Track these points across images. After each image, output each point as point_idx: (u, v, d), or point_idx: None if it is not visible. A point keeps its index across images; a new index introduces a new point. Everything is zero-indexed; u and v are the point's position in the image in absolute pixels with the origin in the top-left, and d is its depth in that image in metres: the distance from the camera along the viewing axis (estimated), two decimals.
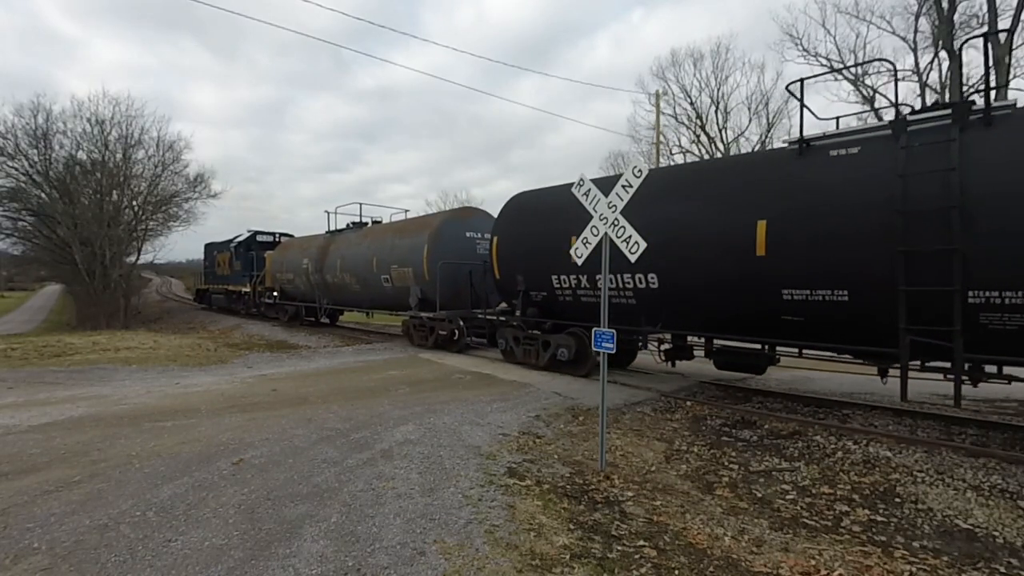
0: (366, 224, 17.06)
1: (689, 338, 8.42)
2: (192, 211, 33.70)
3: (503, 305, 11.66)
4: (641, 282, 7.85)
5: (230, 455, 4.91)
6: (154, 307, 38.44)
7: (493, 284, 11.44)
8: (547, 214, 9.44)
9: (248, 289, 23.09)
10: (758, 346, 7.28)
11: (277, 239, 24.53)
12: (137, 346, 14.58)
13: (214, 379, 9.37)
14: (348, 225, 17.63)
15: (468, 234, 13.06)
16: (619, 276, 8.07)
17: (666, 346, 8.54)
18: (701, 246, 7.06)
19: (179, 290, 58.90)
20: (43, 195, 28.07)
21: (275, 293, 20.86)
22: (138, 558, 3.13)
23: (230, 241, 25.85)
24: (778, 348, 7.26)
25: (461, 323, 12.21)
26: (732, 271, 6.77)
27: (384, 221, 16.88)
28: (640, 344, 8.94)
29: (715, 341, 7.80)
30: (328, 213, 18.19)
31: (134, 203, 30.54)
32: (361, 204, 18.06)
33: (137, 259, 32.54)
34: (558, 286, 9.13)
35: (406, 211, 16.86)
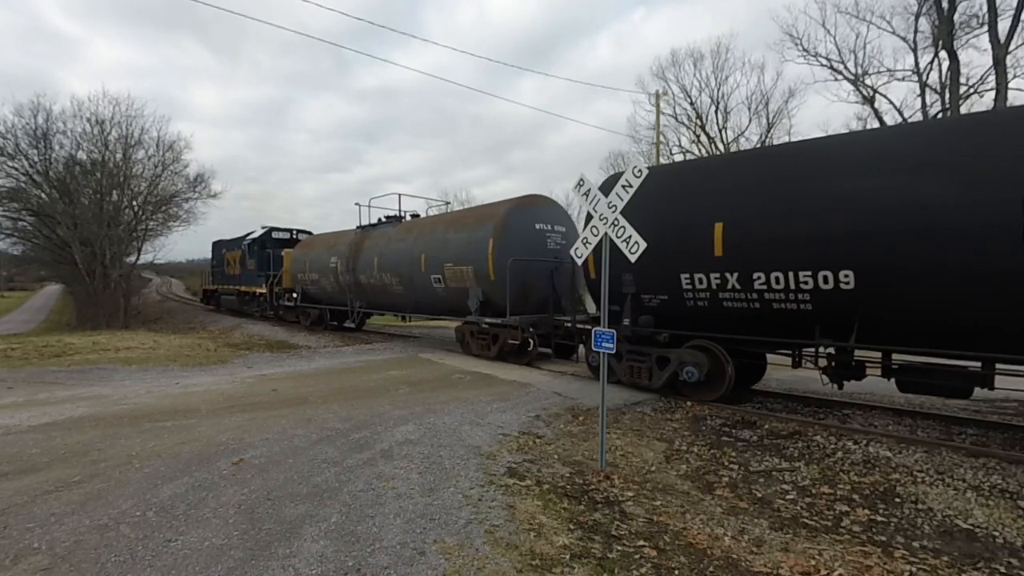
0: (402, 218, 15.23)
1: (858, 351, 6.43)
2: (192, 211, 33.67)
3: (591, 311, 10.40)
4: (826, 282, 6.01)
5: (230, 455, 4.91)
6: (154, 307, 38.43)
7: (567, 286, 10.32)
8: (675, 195, 7.53)
9: (264, 290, 21.01)
10: (974, 364, 5.86)
11: (294, 236, 22.76)
12: (137, 346, 14.58)
13: (214, 379, 9.37)
14: (380, 220, 15.80)
15: (538, 226, 10.95)
16: (789, 274, 6.28)
17: (823, 362, 6.71)
18: (938, 233, 5.27)
19: (179, 290, 58.89)
20: (43, 195, 28.07)
21: (295, 295, 18.90)
22: (138, 558, 3.13)
23: (242, 238, 23.79)
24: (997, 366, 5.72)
25: (531, 331, 10.41)
26: (997, 264, 5.00)
27: (422, 214, 15.14)
28: (796, 360, 7.04)
29: (894, 356, 6.36)
30: (359, 206, 16.98)
31: (134, 203, 30.53)
32: (400, 195, 15.83)
33: (137, 259, 32.51)
34: (689, 287, 7.25)
35: (447, 203, 15.60)
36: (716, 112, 30.97)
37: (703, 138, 31.33)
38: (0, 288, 78.89)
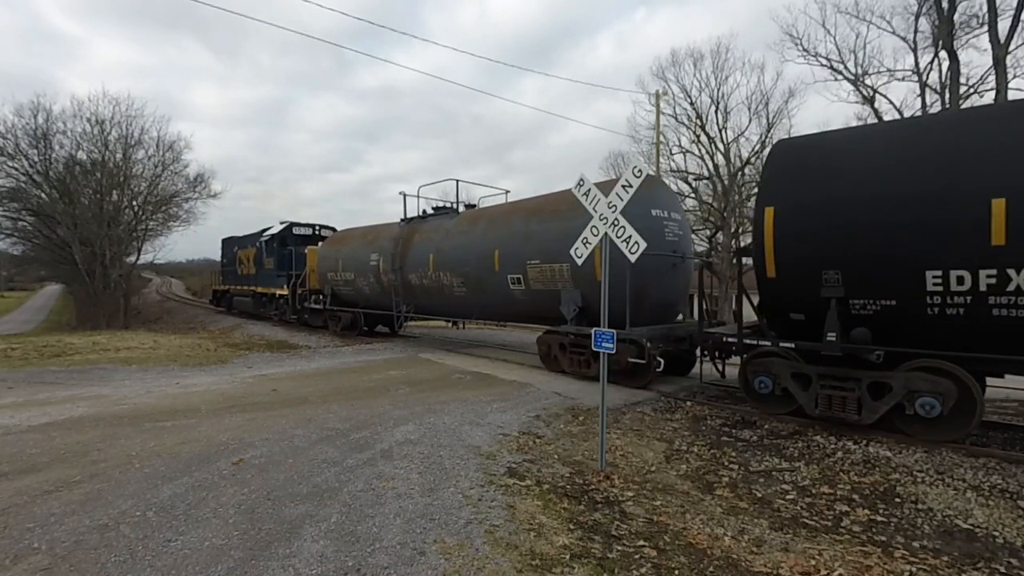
0: (456, 209, 13.15)
1: None
2: (192, 211, 33.72)
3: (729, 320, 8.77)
4: None
5: (230, 455, 4.91)
6: (154, 307, 38.44)
7: (682, 287, 8.96)
8: (916, 159, 5.53)
9: (285, 292, 18.91)
10: None
11: (317, 232, 20.80)
12: (137, 346, 14.58)
13: (214, 379, 9.36)
14: (424, 212, 13.99)
15: (655, 212, 8.79)
16: None
17: None
18: None
19: (179, 290, 58.92)
20: (43, 195, 28.09)
21: (324, 296, 17.08)
22: (138, 558, 3.13)
23: (258, 235, 21.71)
24: None
25: (655, 345, 8.28)
26: None
27: (479, 205, 13.07)
28: None
29: None
30: (405, 196, 13.88)
31: (134, 203, 30.56)
32: (458, 181, 13.67)
33: (137, 259, 32.53)
34: (938, 288, 5.33)
35: (506, 191, 13.20)
36: (716, 112, 30.92)
37: (703, 138, 31.31)
38: (0, 288, 78.88)
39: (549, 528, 3.60)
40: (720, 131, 30.85)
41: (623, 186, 4.77)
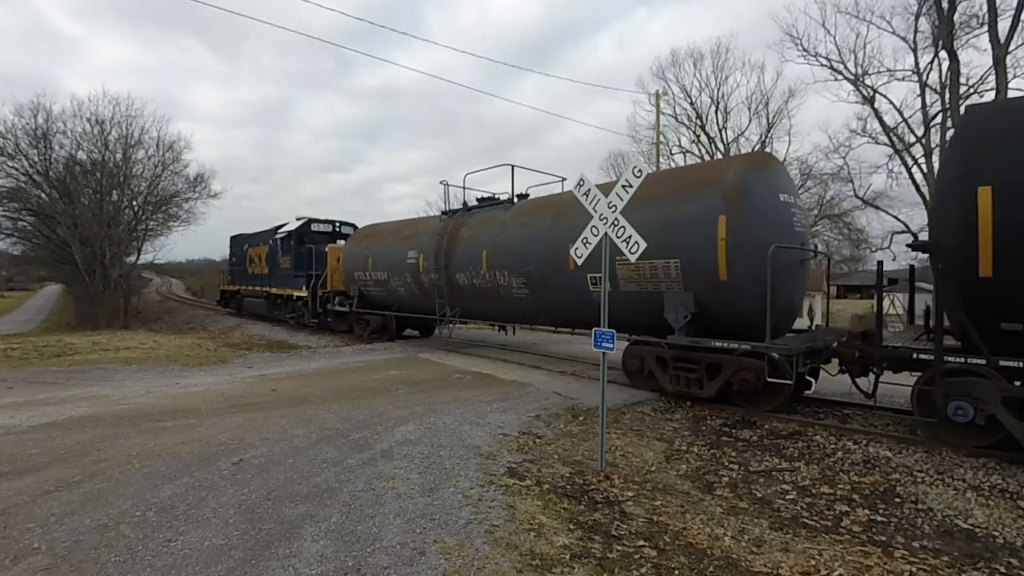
0: (511, 199, 11.33)
1: None
2: (192, 211, 33.72)
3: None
4: None
5: (230, 455, 4.91)
6: (154, 307, 38.45)
7: (800, 285, 7.59)
8: None
9: (303, 293, 17.41)
10: None
11: (337, 229, 19.41)
12: (137, 346, 14.58)
13: (214, 379, 9.37)
14: (467, 204, 12.30)
15: (783, 198, 7.25)
16: None
17: None
18: None
19: (179, 290, 58.93)
20: (43, 195, 28.10)
21: (351, 298, 15.62)
22: (138, 558, 3.13)
23: (272, 231, 20.15)
24: None
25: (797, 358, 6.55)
26: None
27: (532, 194, 11.31)
28: None
29: None
30: (445, 185, 12.27)
31: (134, 203, 30.57)
32: (513, 167, 11.48)
33: (137, 259, 32.54)
34: None
35: (563, 179, 11.79)
36: (716, 112, 30.97)
37: (703, 138, 31.32)
38: (0, 288, 78.88)
39: (549, 528, 3.60)
40: (720, 131, 30.88)
41: (623, 186, 4.77)
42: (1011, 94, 18.11)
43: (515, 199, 11.32)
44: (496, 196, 12.05)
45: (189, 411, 6.68)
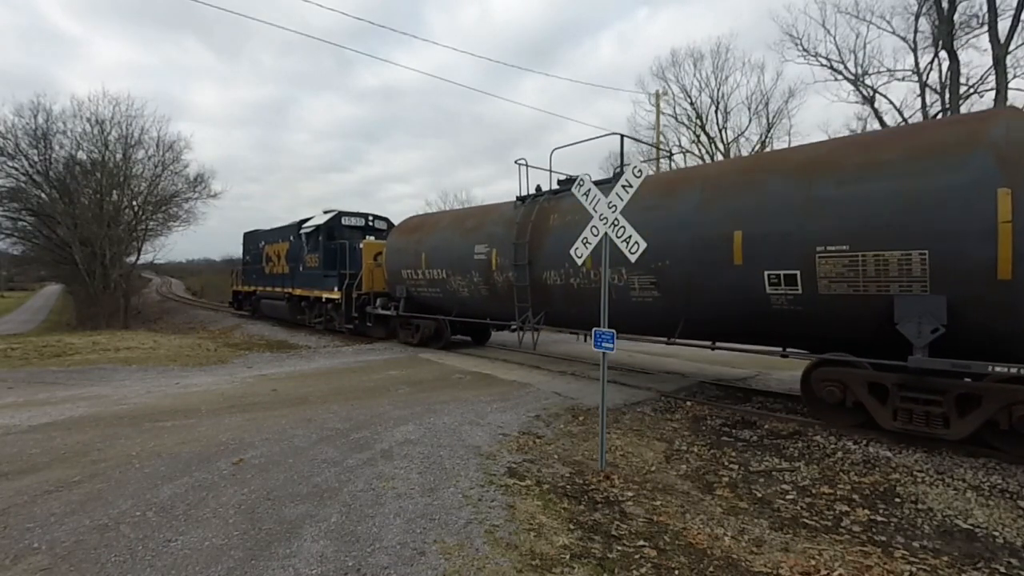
0: (619, 175, 8.51)
1: None
2: (192, 211, 33.77)
3: None
4: None
5: (230, 455, 4.91)
6: (154, 307, 38.46)
7: None
8: None
9: (336, 295, 15.46)
10: None
11: (370, 223, 17.46)
12: (137, 346, 14.58)
13: (214, 379, 9.37)
14: (538, 189, 10.44)
15: None
16: None
17: None
18: None
19: (179, 290, 58.95)
20: (43, 195, 28.13)
21: (393, 300, 13.91)
22: (138, 558, 3.13)
23: (294, 226, 18.35)
24: None
25: None
26: None
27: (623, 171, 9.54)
28: None
29: None
30: (522, 166, 10.20)
31: (134, 203, 30.60)
32: (623, 136, 9.74)
33: (137, 259, 32.57)
34: None
35: (668, 153, 10.10)
36: (716, 112, 30.98)
37: (703, 138, 31.34)
38: (0, 288, 78.89)
39: (549, 528, 3.60)
40: (720, 131, 30.88)
41: (623, 186, 4.78)
42: (1011, 94, 18.12)
43: (611, 180, 8.89)
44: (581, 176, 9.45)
45: (189, 411, 6.68)
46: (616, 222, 4.84)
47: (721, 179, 7.30)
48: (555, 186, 10.20)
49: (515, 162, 10.14)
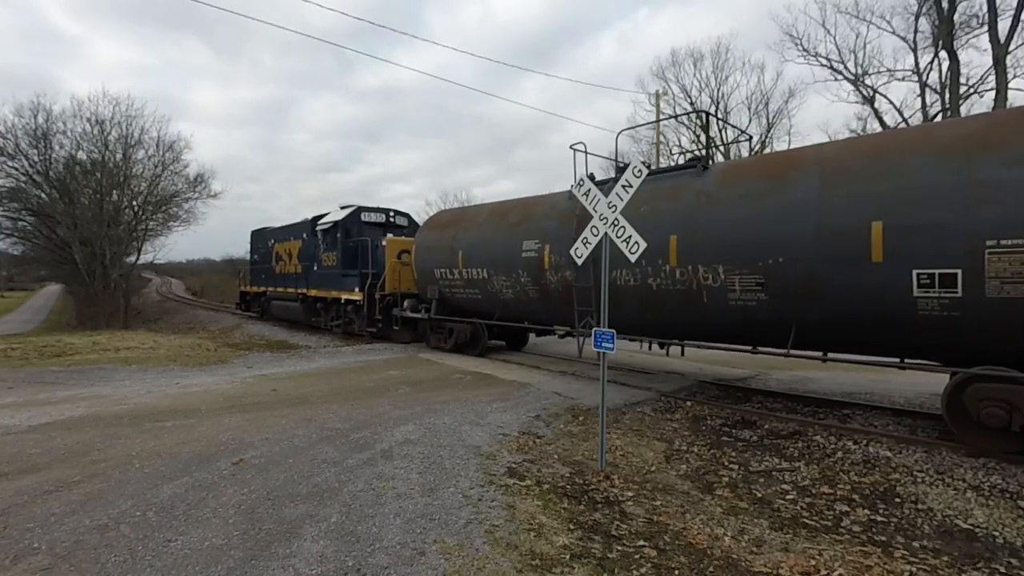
0: (703, 160, 8.15)
1: None
2: (192, 211, 33.80)
3: None
4: None
5: (230, 455, 4.91)
6: (154, 307, 38.47)
7: None
8: None
9: (357, 296, 14.56)
10: None
11: (391, 219, 16.35)
12: (137, 346, 14.58)
13: (214, 379, 9.37)
14: (591, 176, 8.38)
15: None
16: None
17: None
18: None
19: (179, 290, 58.98)
20: (43, 195, 28.15)
21: (423, 302, 12.94)
22: (138, 558, 3.13)
23: (309, 223, 17.38)
24: None
25: None
26: None
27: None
28: None
29: None
30: (578, 151, 9.18)
31: (134, 203, 30.63)
32: (707, 114, 8.14)
33: (137, 259, 32.58)
34: None
35: (752, 137, 9.06)
36: (716, 112, 30.96)
37: (703, 138, 31.34)
38: (0, 288, 78.89)
39: (549, 528, 3.60)
40: (720, 131, 30.85)
41: (623, 186, 4.78)
42: (1011, 94, 18.12)
43: (710, 160, 7.86)
44: (647, 165, 7.68)
45: (189, 411, 6.68)
46: (616, 222, 4.84)
47: (845, 159, 6.21)
48: (613, 173, 9.03)
49: (570, 147, 9.31)
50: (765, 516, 4.10)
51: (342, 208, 16.24)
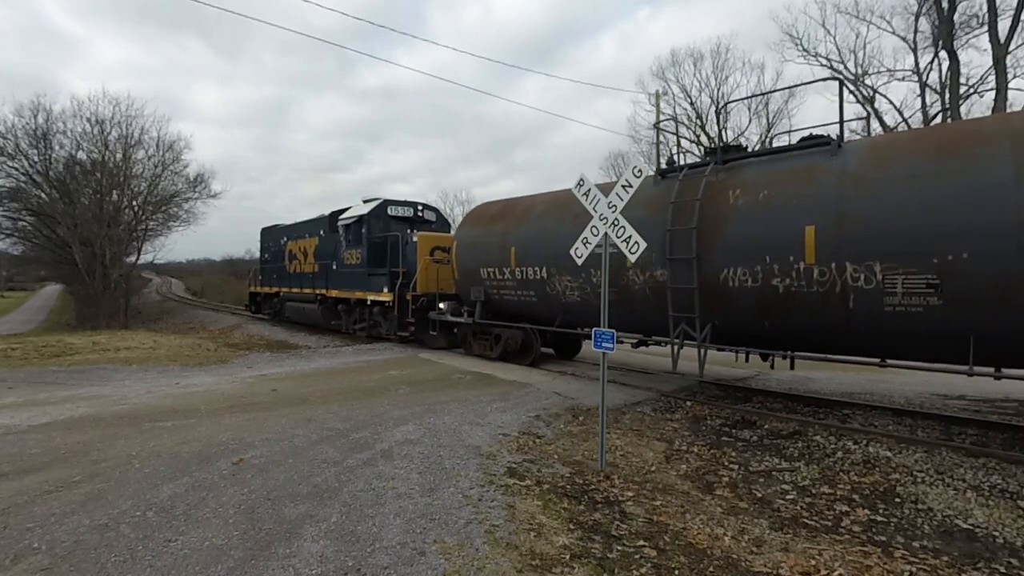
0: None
1: None
2: (192, 211, 33.82)
3: None
4: None
5: (230, 455, 4.91)
6: (154, 307, 38.47)
7: None
8: None
9: (386, 297, 13.30)
10: None
11: (419, 214, 15.14)
12: (137, 346, 14.58)
13: (214, 379, 9.37)
14: (670, 158, 8.84)
15: None
16: None
17: None
18: None
19: (179, 290, 59.00)
20: (43, 195, 28.17)
21: (464, 304, 11.73)
22: (138, 558, 3.13)
23: (326, 219, 16.21)
24: None
25: None
26: None
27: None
28: None
29: None
30: (666, 131, 7.99)
31: (134, 203, 30.65)
32: (841, 80, 7.85)
33: (137, 259, 32.63)
34: None
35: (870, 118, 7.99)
36: (716, 112, 30.96)
37: (703, 138, 31.33)
38: (0, 288, 78.90)
39: (549, 528, 3.60)
40: (720, 131, 30.84)
41: (623, 186, 4.78)
42: (1011, 94, 18.13)
43: (842, 138, 6.56)
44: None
45: (189, 411, 6.68)
46: (616, 222, 4.85)
47: None
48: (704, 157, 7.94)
49: (652, 126, 8.22)
50: (765, 516, 4.11)
51: (365, 202, 15.06)
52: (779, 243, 6.30)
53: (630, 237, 4.74)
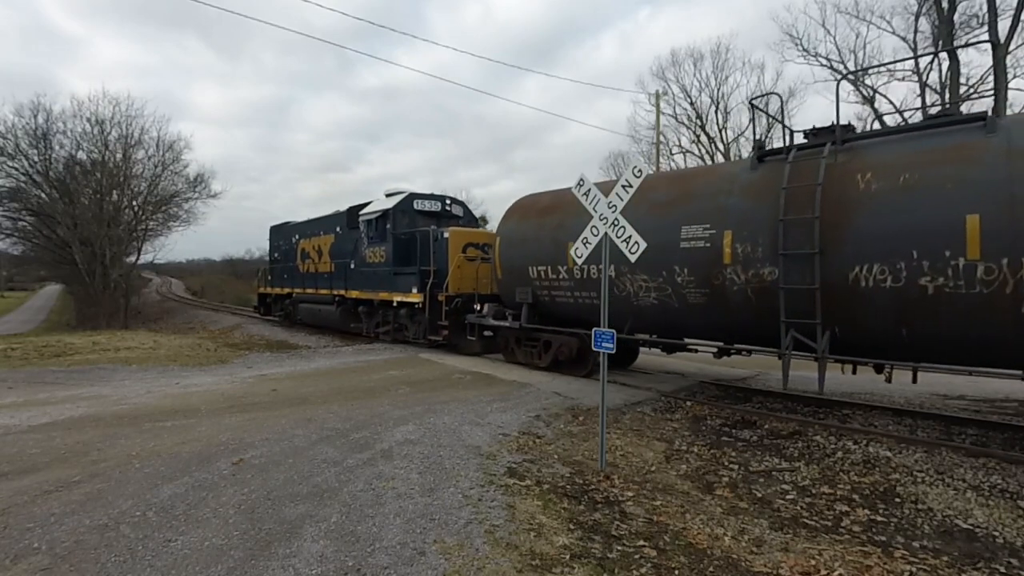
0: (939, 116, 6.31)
1: None
2: (192, 211, 33.83)
3: None
4: None
5: (230, 455, 4.91)
6: (154, 307, 38.48)
7: None
8: None
9: (416, 298, 12.21)
10: None
11: (447, 208, 13.99)
12: (137, 346, 14.58)
13: (214, 379, 9.37)
14: (787, 138, 7.15)
15: None
16: None
17: None
18: None
19: (179, 290, 59.01)
20: (43, 195, 28.19)
21: (507, 307, 10.52)
22: (138, 558, 3.13)
23: (343, 215, 15.24)
24: None
25: None
26: None
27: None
28: None
29: None
30: (759, 109, 7.14)
31: (134, 203, 30.68)
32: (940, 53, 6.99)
33: (137, 259, 32.65)
34: None
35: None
36: (716, 112, 30.99)
37: (703, 138, 31.34)
38: (0, 288, 78.91)
39: (549, 528, 3.60)
40: (720, 131, 30.87)
41: (623, 186, 4.78)
42: (1011, 94, 18.13)
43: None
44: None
45: (189, 411, 6.68)
46: (616, 222, 4.84)
47: None
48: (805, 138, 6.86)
49: (748, 102, 7.20)
50: (765, 516, 4.11)
51: (388, 195, 13.92)
52: (929, 235, 5.29)
53: (630, 237, 4.73)
